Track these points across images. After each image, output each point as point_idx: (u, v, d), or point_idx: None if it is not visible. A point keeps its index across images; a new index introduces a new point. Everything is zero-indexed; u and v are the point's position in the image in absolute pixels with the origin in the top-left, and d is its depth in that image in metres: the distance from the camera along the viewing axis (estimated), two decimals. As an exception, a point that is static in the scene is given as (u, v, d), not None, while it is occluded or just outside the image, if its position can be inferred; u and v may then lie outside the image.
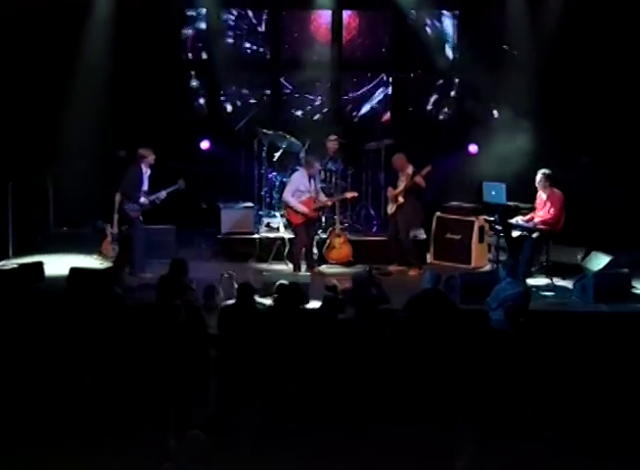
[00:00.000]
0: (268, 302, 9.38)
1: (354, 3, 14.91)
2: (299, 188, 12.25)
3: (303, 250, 12.38)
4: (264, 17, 14.87)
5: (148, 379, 7.84)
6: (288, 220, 12.60)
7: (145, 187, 11.70)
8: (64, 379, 7.13)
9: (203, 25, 14.81)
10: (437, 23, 14.73)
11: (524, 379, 7.44)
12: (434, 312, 8.86)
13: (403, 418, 6.69)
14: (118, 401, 7.37)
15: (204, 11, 14.72)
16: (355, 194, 13.06)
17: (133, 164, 11.72)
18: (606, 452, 6.39)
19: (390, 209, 12.65)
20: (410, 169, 12.45)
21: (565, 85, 13.76)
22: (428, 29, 14.66)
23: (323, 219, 13.17)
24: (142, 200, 11.64)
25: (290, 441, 6.43)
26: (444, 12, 14.77)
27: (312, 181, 12.35)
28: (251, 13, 14.91)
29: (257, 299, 9.20)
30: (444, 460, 6.54)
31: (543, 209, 11.69)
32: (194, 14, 14.82)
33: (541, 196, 11.75)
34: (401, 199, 12.44)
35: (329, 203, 12.69)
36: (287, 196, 12.31)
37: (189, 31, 14.85)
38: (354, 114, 15.13)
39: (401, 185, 12.49)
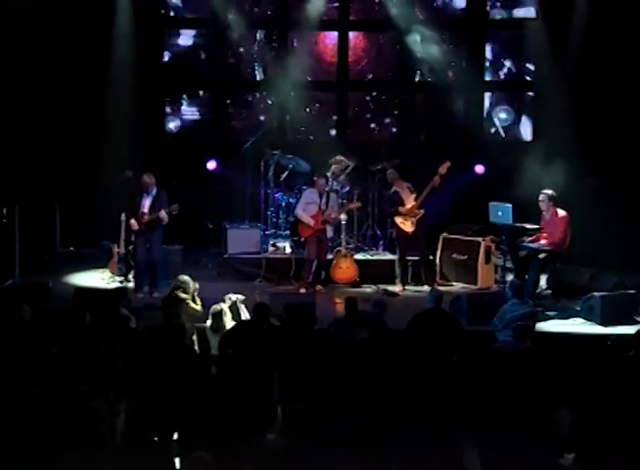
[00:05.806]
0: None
1: (360, 25, 14.97)
2: (307, 201, 12.57)
3: (312, 265, 12.41)
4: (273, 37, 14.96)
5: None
6: (298, 234, 12.81)
7: (144, 209, 11.87)
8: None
9: (209, 46, 14.90)
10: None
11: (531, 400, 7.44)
12: (436, 331, 8.85)
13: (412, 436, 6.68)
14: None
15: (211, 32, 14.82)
16: (359, 204, 13.15)
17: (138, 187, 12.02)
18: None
19: (410, 226, 12.52)
20: (405, 185, 12.55)
21: (570, 107, 13.77)
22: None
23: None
24: (132, 221, 11.92)
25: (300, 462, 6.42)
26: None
27: (323, 198, 12.55)
28: (259, 34, 14.99)
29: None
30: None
31: (548, 229, 11.64)
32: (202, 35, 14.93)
33: (545, 216, 11.73)
34: (421, 211, 12.45)
35: (332, 215, 12.63)
36: (297, 210, 12.68)
37: (195, 52, 14.94)
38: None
39: (410, 199, 12.49)
